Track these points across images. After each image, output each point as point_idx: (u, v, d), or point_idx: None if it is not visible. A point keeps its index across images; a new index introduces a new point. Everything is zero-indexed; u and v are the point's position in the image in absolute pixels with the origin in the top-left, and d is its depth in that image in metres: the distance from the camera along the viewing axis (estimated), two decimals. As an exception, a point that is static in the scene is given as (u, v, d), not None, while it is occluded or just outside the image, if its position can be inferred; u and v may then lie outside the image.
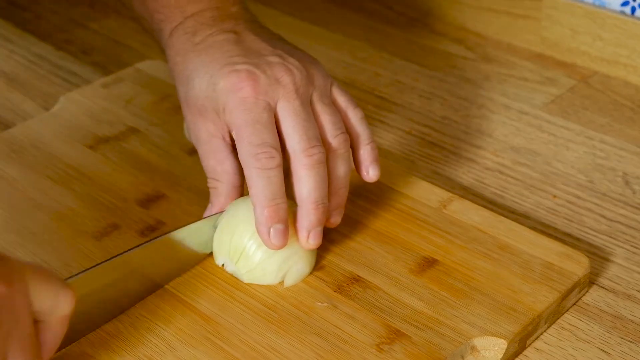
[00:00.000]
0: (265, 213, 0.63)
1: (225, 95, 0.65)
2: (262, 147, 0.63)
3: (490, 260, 0.67)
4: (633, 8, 0.90)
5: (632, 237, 0.72)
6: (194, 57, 0.68)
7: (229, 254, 0.65)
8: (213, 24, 0.70)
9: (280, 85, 0.65)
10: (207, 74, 0.66)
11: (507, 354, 0.61)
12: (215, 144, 0.67)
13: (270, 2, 1.12)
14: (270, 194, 0.63)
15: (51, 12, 1.13)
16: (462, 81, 0.94)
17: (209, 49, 0.68)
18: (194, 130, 0.68)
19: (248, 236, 0.64)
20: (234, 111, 0.64)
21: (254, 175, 0.63)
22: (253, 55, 0.67)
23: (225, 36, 0.68)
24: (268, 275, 0.64)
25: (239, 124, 0.64)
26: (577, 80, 0.94)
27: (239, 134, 0.64)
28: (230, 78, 0.65)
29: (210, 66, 0.66)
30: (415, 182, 0.75)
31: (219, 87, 0.65)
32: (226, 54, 0.67)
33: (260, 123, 0.64)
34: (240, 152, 0.64)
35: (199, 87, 0.66)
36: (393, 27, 1.06)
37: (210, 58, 0.67)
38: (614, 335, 0.63)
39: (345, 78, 0.96)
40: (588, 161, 0.81)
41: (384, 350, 0.60)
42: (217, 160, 0.67)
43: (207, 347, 0.60)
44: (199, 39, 0.69)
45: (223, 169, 0.67)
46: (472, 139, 0.85)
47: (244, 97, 0.64)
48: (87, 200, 0.72)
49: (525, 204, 0.77)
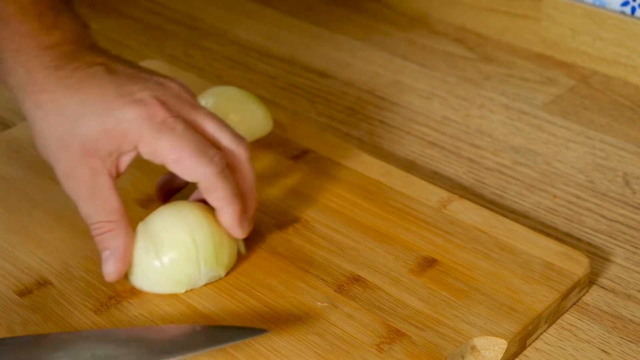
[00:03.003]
0: (237, 209, 0.64)
1: (139, 124, 0.62)
2: (211, 153, 0.63)
3: (490, 260, 0.67)
4: (633, 8, 0.90)
5: (632, 237, 0.72)
6: (69, 93, 0.63)
7: (205, 261, 0.64)
8: (75, 58, 0.65)
9: (183, 100, 0.65)
10: (101, 108, 0.62)
11: (507, 354, 0.61)
12: (101, 181, 0.63)
13: (270, 2, 1.12)
14: (234, 190, 0.64)
15: (51, 12, 1.13)
16: (462, 81, 0.94)
17: (84, 84, 0.63)
18: (73, 173, 0.63)
19: (208, 235, 0.65)
20: (160, 137, 0.62)
21: (216, 180, 0.63)
22: (138, 80, 0.65)
23: (95, 69, 0.64)
24: (236, 256, 0.67)
25: (173, 145, 0.62)
26: (577, 80, 0.94)
27: (180, 155, 0.62)
28: (138, 107, 0.62)
29: (100, 100, 0.63)
30: (415, 182, 0.75)
31: (126, 118, 0.62)
32: (111, 85, 0.64)
33: (193, 136, 0.63)
34: (191, 169, 0.63)
35: (89, 123, 0.62)
36: (393, 27, 1.06)
37: (94, 92, 0.63)
38: (614, 335, 0.63)
39: (345, 78, 0.96)
40: (588, 161, 0.81)
41: (384, 350, 0.60)
42: (104, 199, 0.63)
43: (207, 347, 0.60)
44: (64, 73, 0.64)
45: (113, 207, 0.63)
46: (472, 139, 0.85)
47: (162, 120, 0.62)
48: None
49: (525, 204, 0.77)
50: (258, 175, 0.76)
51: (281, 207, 0.73)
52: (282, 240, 0.69)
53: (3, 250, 0.69)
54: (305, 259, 0.67)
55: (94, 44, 0.68)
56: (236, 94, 0.81)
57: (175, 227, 0.64)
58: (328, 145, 0.80)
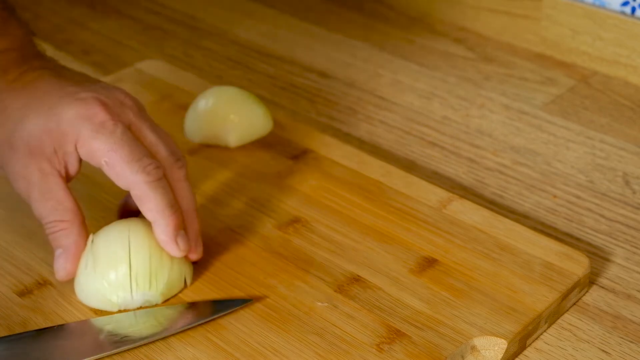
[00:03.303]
0: (171, 223, 0.62)
1: (79, 124, 0.62)
2: (145, 161, 0.62)
3: (490, 260, 0.67)
4: (633, 8, 0.90)
5: (632, 237, 0.72)
6: (14, 95, 0.64)
7: (137, 284, 0.62)
8: (22, 63, 0.66)
9: (126, 107, 0.64)
10: (43, 108, 0.62)
11: (507, 354, 0.61)
12: (52, 181, 0.63)
13: (270, 2, 1.12)
14: (170, 202, 0.62)
15: (51, 12, 1.13)
16: (462, 81, 0.94)
17: (29, 86, 0.64)
18: (22, 174, 0.63)
19: (146, 257, 0.62)
20: (97, 138, 0.62)
21: (147, 189, 0.61)
22: (83, 83, 0.65)
23: (41, 72, 0.65)
24: (179, 285, 0.65)
25: (109, 148, 0.62)
26: (577, 80, 0.94)
27: (112, 158, 0.61)
28: (79, 106, 0.62)
29: (44, 100, 0.63)
30: (415, 182, 0.75)
31: (66, 117, 0.62)
32: (56, 86, 0.64)
33: (131, 141, 0.62)
34: (121, 175, 0.62)
35: (33, 123, 0.62)
36: (393, 27, 1.06)
37: (40, 92, 0.63)
38: (614, 335, 0.63)
39: (345, 78, 0.96)
40: (588, 161, 0.81)
41: (384, 350, 0.60)
42: (57, 199, 0.63)
43: (207, 346, 0.60)
44: (12, 77, 0.65)
45: (65, 206, 0.63)
46: (472, 139, 0.85)
47: (102, 121, 0.62)
48: (87, 200, 0.72)
49: (525, 204, 0.77)
50: (258, 175, 0.76)
51: (281, 207, 0.73)
52: (282, 240, 0.69)
53: (3, 250, 0.69)
54: (305, 259, 0.67)
55: (40, 52, 0.69)
56: (236, 94, 0.81)
57: (115, 245, 0.62)
58: (328, 145, 0.80)
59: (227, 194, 0.74)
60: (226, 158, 0.79)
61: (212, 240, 0.69)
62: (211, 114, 0.80)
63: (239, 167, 0.78)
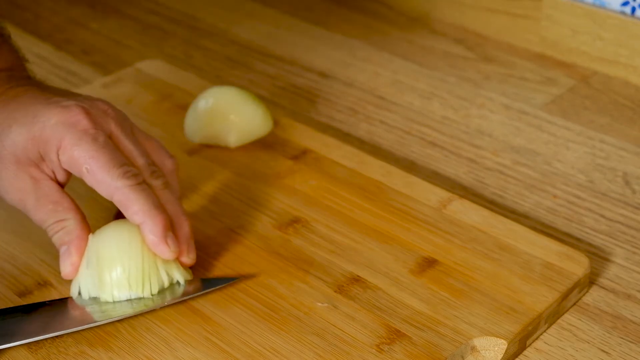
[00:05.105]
0: (159, 222, 0.62)
1: (62, 130, 0.62)
2: (125, 168, 0.62)
3: (490, 260, 0.67)
4: (633, 8, 0.90)
5: (632, 237, 0.72)
6: (0, 107, 0.65)
7: (130, 285, 0.62)
8: (9, 82, 0.67)
9: (109, 116, 0.65)
10: (27, 117, 0.63)
11: (507, 354, 0.61)
12: (46, 186, 0.64)
13: (270, 2, 1.12)
14: (154, 203, 0.62)
15: (51, 12, 1.13)
16: (462, 81, 0.94)
17: (15, 99, 0.65)
18: (14, 184, 0.64)
19: (138, 260, 0.62)
20: (79, 145, 0.62)
21: (130, 193, 0.62)
22: (67, 94, 0.66)
23: (27, 87, 0.67)
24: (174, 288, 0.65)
25: (90, 155, 0.62)
26: (577, 80, 0.94)
27: (93, 165, 0.62)
28: (63, 113, 0.63)
29: (29, 109, 0.64)
30: (415, 182, 0.75)
31: (50, 123, 0.63)
32: (41, 97, 0.65)
33: (111, 149, 0.63)
34: (102, 181, 0.62)
35: (17, 132, 0.63)
36: (393, 27, 1.06)
37: (24, 104, 0.64)
38: (614, 335, 0.63)
39: (345, 78, 0.96)
40: (588, 161, 0.81)
41: (384, 351, 0.60)
42: (54, 202, 0.64)
43: (207, 347, 0.60)
44: None
45: (64, 207, 0.64)
46: (472, 139, 0.85)
47: (84, 129, 0.63)
48: (87, 200, 0.72)
49: (525, 204, 0.77)
50: (258, 175, 0.76)
51: (281, 207, 0.73)
52: (282, 240, 0.69)
53: (3, 250, 0.69)
54: (305, 259, 0.67)
55: (29, 75, 0.70)
56: (236, 94, 0.81)
57: (110, 246, 0.62)
58: (328, 145, 0.80)
59: (227, 194, 0.74)
60: (226, 158, 0.79)
61: (212, 240, 0.69)
62: (211, 114, 0.80)
63: (239, 167, 0.78)
